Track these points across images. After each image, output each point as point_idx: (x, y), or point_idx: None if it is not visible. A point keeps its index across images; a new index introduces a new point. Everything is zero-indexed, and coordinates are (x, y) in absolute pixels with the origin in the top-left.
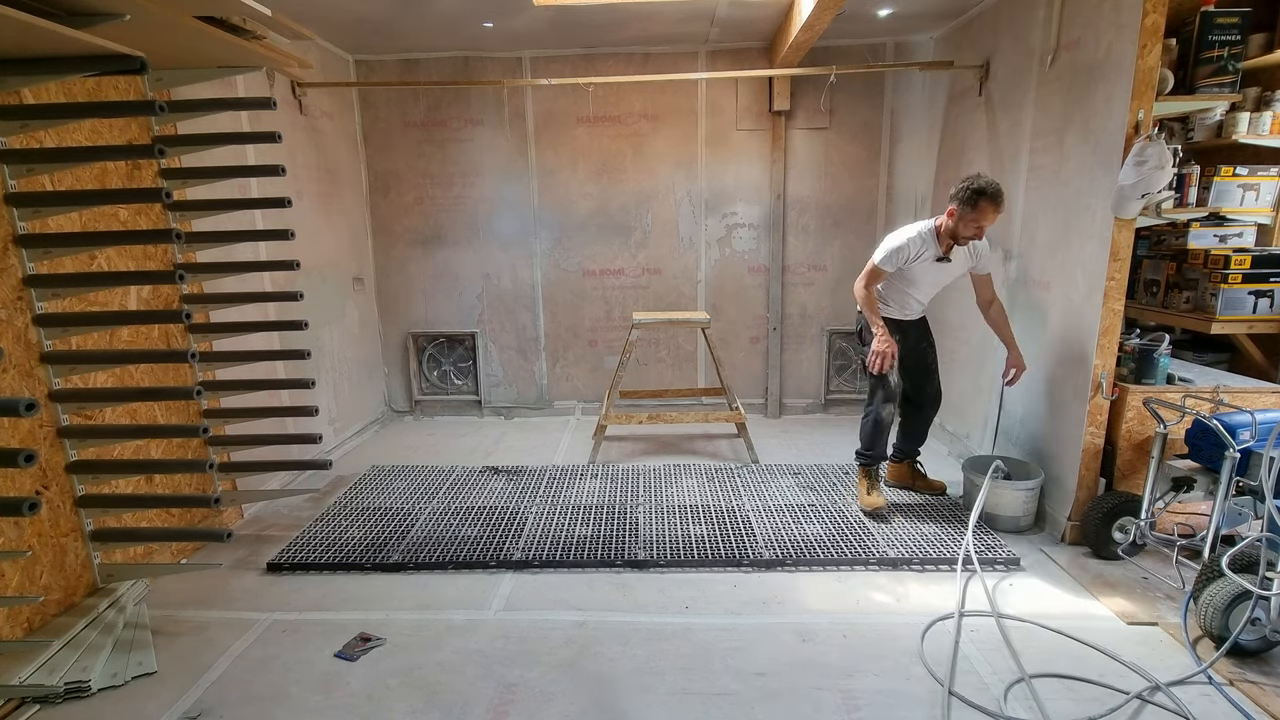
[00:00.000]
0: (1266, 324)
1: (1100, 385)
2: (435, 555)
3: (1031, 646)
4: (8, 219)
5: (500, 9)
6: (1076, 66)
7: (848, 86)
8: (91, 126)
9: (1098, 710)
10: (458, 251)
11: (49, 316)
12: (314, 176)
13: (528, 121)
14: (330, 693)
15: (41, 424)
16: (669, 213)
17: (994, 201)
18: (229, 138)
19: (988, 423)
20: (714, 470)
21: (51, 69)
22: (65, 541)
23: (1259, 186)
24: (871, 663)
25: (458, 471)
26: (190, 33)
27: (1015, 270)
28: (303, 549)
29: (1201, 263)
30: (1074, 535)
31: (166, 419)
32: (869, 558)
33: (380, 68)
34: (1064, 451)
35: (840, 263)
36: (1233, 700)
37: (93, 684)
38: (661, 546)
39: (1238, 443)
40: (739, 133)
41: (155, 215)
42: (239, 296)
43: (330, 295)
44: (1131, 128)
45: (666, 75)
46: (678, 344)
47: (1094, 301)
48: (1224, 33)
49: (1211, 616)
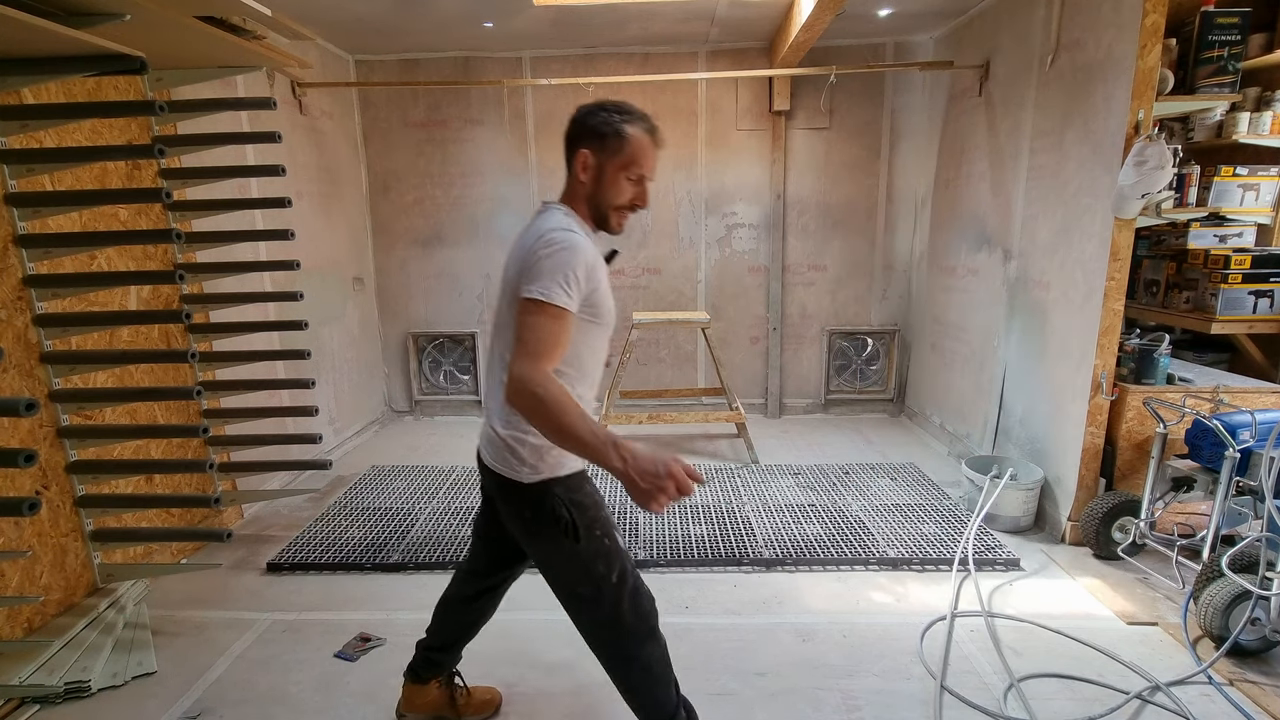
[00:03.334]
0: (1266, 324)
1: (1100, 385)
2: (435, 555)
3: (1031, 646)
4: (8, 219)
5: (500, 9)
6: (1076, 66)
7: (848, 86)
8: (91, 126)
9: (1098, 710)
10: (458, 251)
11: (49, 316)
12: (314, 176)
13: (528, 121)
14: (330, 693)
15: (41, 424)
16: (669, 213)
17: (651, 131)
18: (229, 138)
19: (988, 423)
20: (714, 470)
21: (51, 69)
22: (65, 541)
23: (1259, 186)
24: (871, 663)
25: (458, 471)
26: (190, 33)
27: (1015, 270)
28: (303, 549)
29: (1201, 263)
30: (1074, 535)
31: (166, 419)
32: (869, 558)
33: (380, 68)
34: (1064, 451)
35: (840, 263)
36: (1233, 700)
37: (93, 684)
38: (661, 546)
39: (1238, 443)
40: (739, 133)
41: (155, 215)
42: (239, 296)
43: (330, 295)
44: (1131, 128)
45: (666, 75)
46: (678, 344)
47: (1094, 301)
48: (1224, 33)
49: (1211, 616)
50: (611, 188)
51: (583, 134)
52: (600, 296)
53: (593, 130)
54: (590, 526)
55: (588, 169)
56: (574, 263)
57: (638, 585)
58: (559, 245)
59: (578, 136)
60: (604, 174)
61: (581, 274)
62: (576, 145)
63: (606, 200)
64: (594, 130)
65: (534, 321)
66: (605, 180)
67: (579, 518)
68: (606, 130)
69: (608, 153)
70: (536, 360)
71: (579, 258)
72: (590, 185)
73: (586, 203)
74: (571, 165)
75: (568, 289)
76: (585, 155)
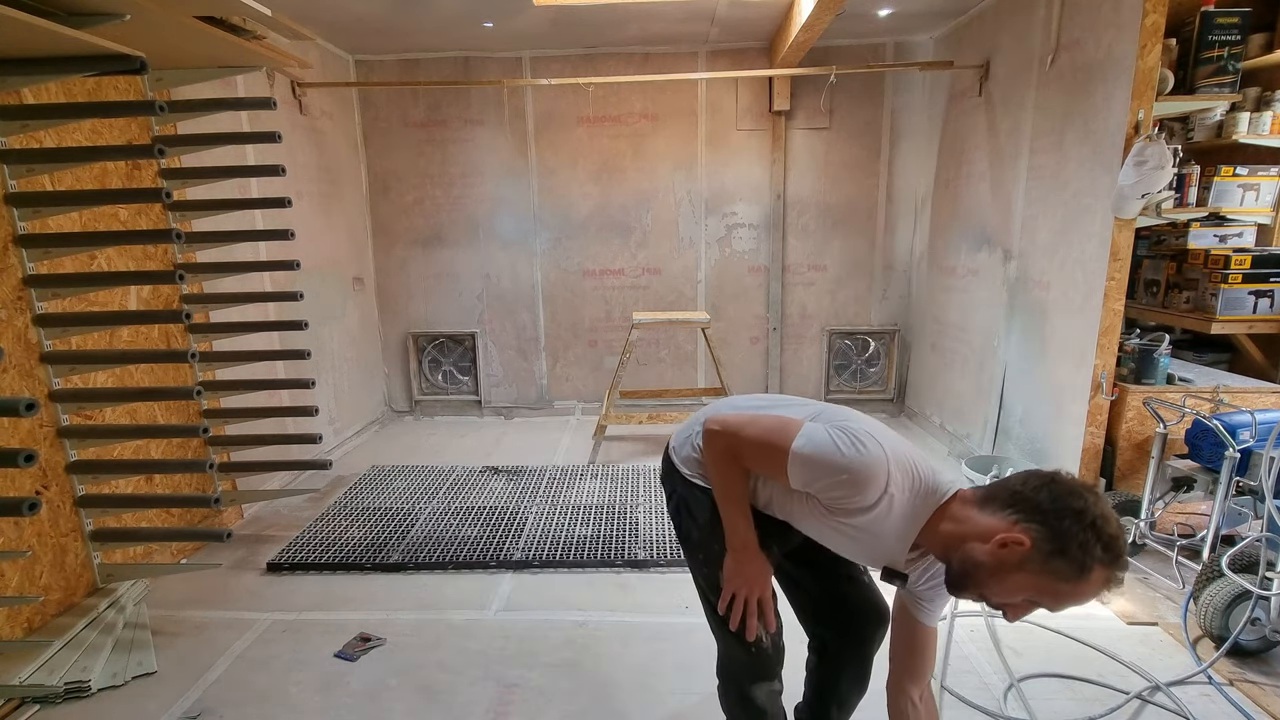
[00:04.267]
0: (1266, 324)
1: (1100, 385)
2: (435, 555)
3: (1031, 646)
4: (8, 219)
5: (500, 9)
6: (1076, 66)
7: (848, 86)
8: (91, 126)
9: (1098, 710)
10: (458, 251)
11: (49, 316)
12: (314, 176)
13: (528, 121)
14: (330, 693)
15: (41, 424)
16: (669, 213)
17: (1114, 577)
18: (229, 138)
19: (988, 423)
20: None
21: (51, 69)
22: (65, 541)
23: (1259, 186)
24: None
25: (458, 471)
26: (190, 33)
27: (1015, 270)
28: (303, 549)
29: (1201, 263)
30: None
31: (166, 419)
32: None
33: (380, 68)
34: (1064, 451)
35: (840, 263)
36: (1233, 700)
37: (93, 684)
38: (662, 546)
39: (1238, 443)
40: (739, 133)
41: (155, 215)
42: (239, 296)
43: (330, 295)
44: (1131, 128)
45: (666, 75)
46: (678, 344)
47: (1094, 301)
48: (1224, 33)
49: (1211, 616)
50: (1005, 590)
51: (1034, 511)
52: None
53: (1058, 533)
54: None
55: (1007, 547)
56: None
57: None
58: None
59: (1026, 508)
60: (1014, 575)
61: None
62: (1013, 509)
63: (987, 590)
64: (1058, 534)
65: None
66: (1008, 582)
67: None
68: (1070, 547)
69: (1046, 569)
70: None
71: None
72: (988, 561)
73: (955, 556)
74: (979, 519)
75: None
76: (1020, 537)
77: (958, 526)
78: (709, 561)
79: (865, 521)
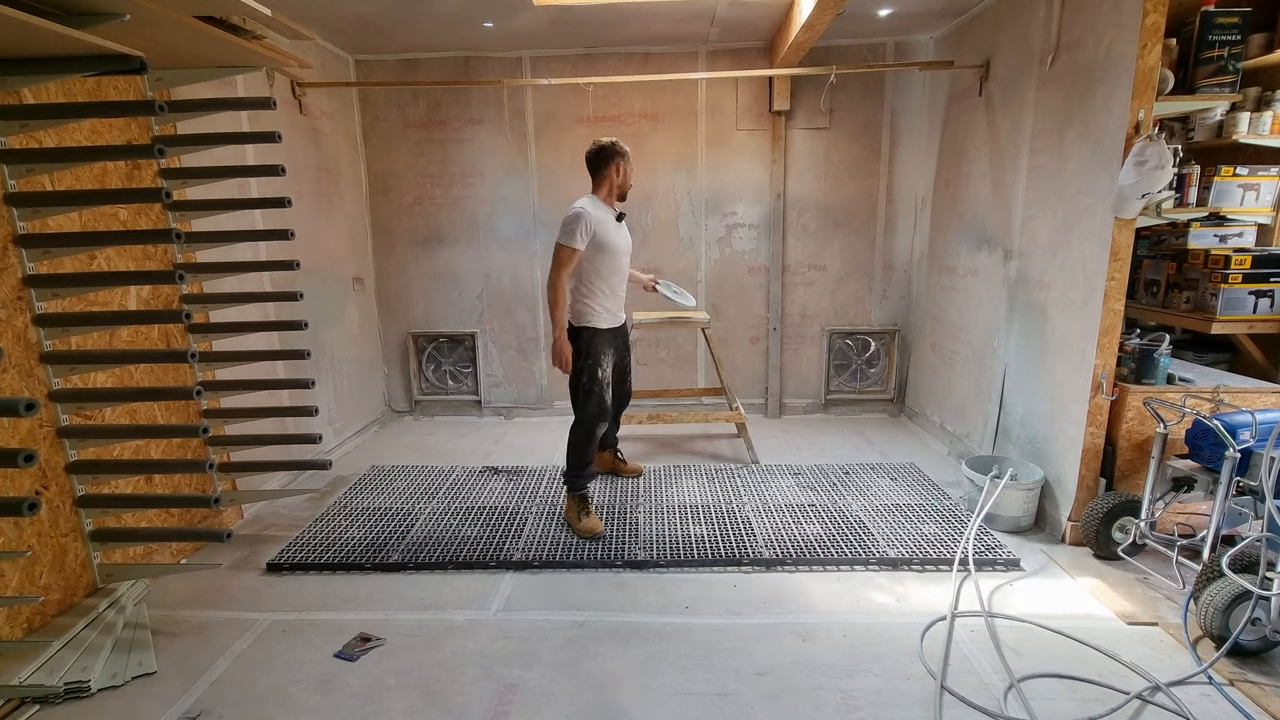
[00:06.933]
0: (1267, 324)
1: (1100, 385)
2: (435, 555)
3: (1032, 646)
4: (8, 219)
5: (500, 9)
6: (1076, 66)
7: (848, 86)
8: (91, 126)
9: (1098, 710)
10: (458, 251)
11: (49, 316)
12: (314, 176)
13: (528, 121)
14: (330, 693)
15: (41, 424)
16: (669, 213)
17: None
18: (229, 138)
19: (988, 423)
20: (714, 470)
21: (51, 69)
22: (65, 541)
23: (1259, 186)
24: (871, 663)
25: (458, 471)
26: (190, 33)
27: (1015, 270)
28: (303, 549)
29: (1202, 263)
30: (1074, 535)
31: (166, 419)
32: (869, 558)
33: (380, 68)
34: (1064, 451)
35: (840, 263)
36: (1233, 700)
37: (93, 684)
38: (661, 546)
39: (1238, 443)
40: (739, 133)
41: (155, 215)
42: (239, 296)
43: (330, 295)
44: (1132, 128)
45: (666, 75)
46: (678, 344)
47: (1094, 301)
48: (1224, 32)
49: (1212, 616)
50: (628, 177)
51: (613, 155)
52: (603, 236)
53: (619, 153)
54: (588, 357)
55: (620, 172)
56: (581, 221)
57: (603, 396)
58: (572, 213)
59: (609, 157)
60: (624, 172)
61: (585, 226)
62: (610, 161)
63: (626, 184)
64: (619, 153)
65: (558, 253)
66: (625, 174)
67: (583, 349)
68: (623, 151)
69: (627, 161)
70: (555, 272)
71: (584, 219)
72: (622, 179)
73: (614, 190)
74: (603, 171)
75: (577, 236)
76: (619, 164)
77: (601, 186)
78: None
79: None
